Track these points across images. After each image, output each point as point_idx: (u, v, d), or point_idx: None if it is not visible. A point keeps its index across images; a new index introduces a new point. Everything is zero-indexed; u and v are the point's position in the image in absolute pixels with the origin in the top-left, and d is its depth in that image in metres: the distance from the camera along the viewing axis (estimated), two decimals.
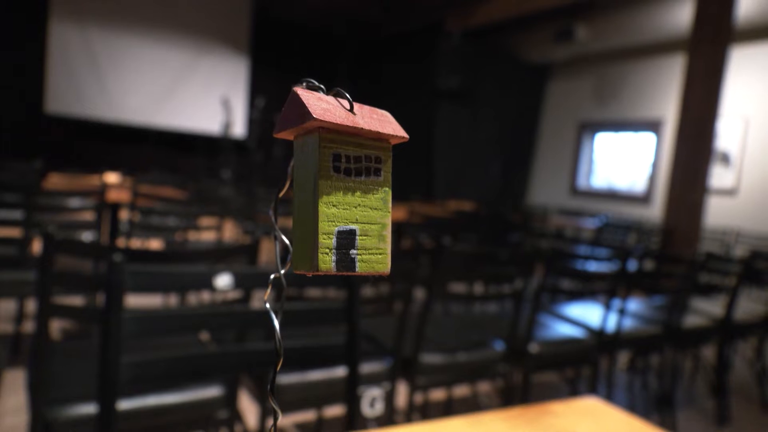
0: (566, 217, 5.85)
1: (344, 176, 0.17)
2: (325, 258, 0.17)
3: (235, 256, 1.26)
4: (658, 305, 2.64)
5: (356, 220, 0.17)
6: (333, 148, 0.17)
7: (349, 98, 0.17)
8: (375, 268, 0.18)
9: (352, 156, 0.17)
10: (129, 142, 6.54)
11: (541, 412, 0.61)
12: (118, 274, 0.87)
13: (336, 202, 0.17)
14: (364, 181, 0.17)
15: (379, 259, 0.18)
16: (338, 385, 1.42)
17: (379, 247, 0.18)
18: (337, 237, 0.17)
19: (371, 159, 0.18)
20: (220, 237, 2.91)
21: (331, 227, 0.17)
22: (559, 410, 0.62)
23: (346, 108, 0.17)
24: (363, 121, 0.17)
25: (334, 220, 0.17)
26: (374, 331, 1.74)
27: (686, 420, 2.48)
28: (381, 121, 0.18)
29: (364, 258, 0.17)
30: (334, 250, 0.17)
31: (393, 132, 0.18)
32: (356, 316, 1.10)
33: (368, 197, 0.17)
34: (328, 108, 0.17)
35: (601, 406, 0.65)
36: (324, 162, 0.17)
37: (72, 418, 1.11)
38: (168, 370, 0.92)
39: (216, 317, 0.97)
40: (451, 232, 3.15)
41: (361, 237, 0.17)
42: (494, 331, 1.89)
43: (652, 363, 2.81)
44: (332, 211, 0.16)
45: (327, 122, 0.16)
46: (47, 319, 1.14)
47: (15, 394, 1.95)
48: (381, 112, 0.18)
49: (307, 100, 0.16)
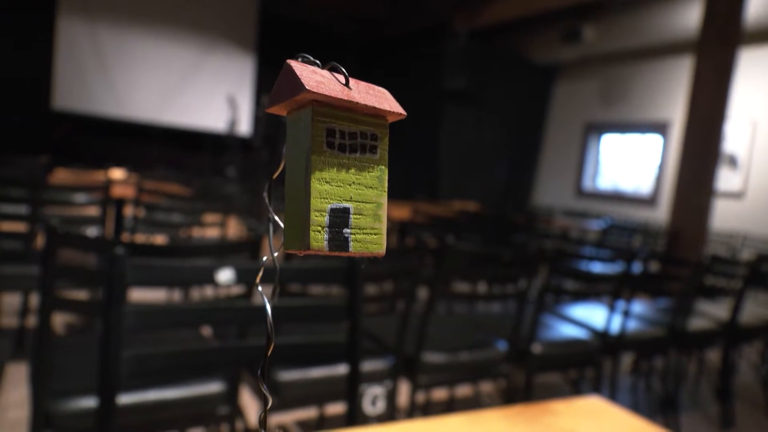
0: (571, 219, 5.83)
1: (338, 152, 0.16)
2: (317, 236, 0.16)
3: (237, 251, 1.26)
4: (663, 308, 2.62)
5: (350, 198, 0.16)
6: (327, 123, 0.16)
7: (345, 73, 0.17)
8: (369, 248, 0.17)
9: (347, 132, 0.16)
10: (135, 139, 6.57)
11: (541, 410, 0.60)
12: (120, 267, 0.87)
13: (329, 178, 0.16)
14: (359, 158, 0.17)
15: (374, 240, 0.17)
16: (340, 383, 1.42)
17: (374, 227, 0.17)
18: (329, 215, 0.16)
19: (367, 135, 0.17)
20: (224, 234, 2.92)
21: (323, 204, 0.16)
22: (561, 409, 0.61)
23: (342, 83, 0.17)
24: (359, 95, 0.16)
25: (327, 198, 0.16)
26: (377, 329, 1.74)
27: (690, 423, 2.46)
28: (378, 96, 0.17)
29: (359, 238, 0.17)
30: (326, 228, 0.16)
31: (390, 108, 0.17)
32: (358, 313, 1.10)
33: (363, 175, 0.17)
34: (322, 81, 0.16)
35: (604, 405, 0.64)
36: (317, 137, 0.16)
37: (73, 412, 1.12)
38: (169, 364, 0.92)
39: (217, 312, 0.97)
40: (454, 232, 3.15)
41: (355, 216, 0.17)
42: (497, 332, 1.88)
43: (657, 366, 2.79)
44: (325, 188, 0.16)
45: (321, 95, 0.16)
46: (49, 313, 1.14)
47: (18, 387, 1.95)
48: (378, 89, 0.18)
49: (301, 72, 0.16)
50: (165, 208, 2.73)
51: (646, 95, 6.37)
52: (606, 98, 6.84)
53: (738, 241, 5.02)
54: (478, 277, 1.99)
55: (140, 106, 6.45)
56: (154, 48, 6.42)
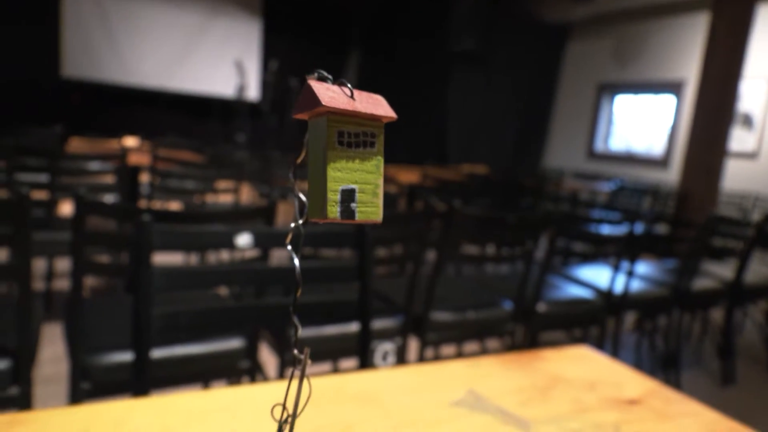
0: (581, 181, 5.82)
1: (346, 148, 0.22)
2: (333, 209, 0.22)
3: (253, 217, 1.32)
4: (669, 268, 2.67)
5: (356, 181, 0.22)
6: (337, 127, 0.22)
7: (350, 87, 0.22)
8: (370, 217, 0.23)
9: (353, 132, 0.22)
10: (144, 107, 6.60)
11: (533, 357, 0.67)
12: (147, 233, 0.94)
13: (340, 167, 0.22)
14: (362, 151, 0.22)
15: (373, 211, 0.23)
16: (352, 340, 1.50)
17: (374, 201, 0.23)
18: (341, 194, 0.22)
19: (367, 134, 0.23)
20: (237, 199, 2.99)
21: (336, 186, 0.22)
22: (550, 356, 0.68)
23: (348, 95, 0.22)
24: (361, 105, 0.22)
25: (339, 181, 0.22)
26: (387, 290, 1.81)
27: (691, 379, 2.55)
28: (375, 104, 0.23)
29: (362, 210, 0.23)
30: (339, 203, 0.22)
31: (384, 113, 0.23)
32: (368, 274, 1.16)
33: (365, 164, 0.22)
34: (333, 96, 0.21)
35: (590, 353, 0.70)
36: (331, 138, 0.22)
37: (108, 365, 1.21)
38: (195, 321, 1.00)
39: (237, 273, 1.04)
40: (463, 195, 3.19)
41: (359, 194, 0.22)
42: (504, 292, 1.95)
43: (661, 325, 2.87)
44: (337, 174, 0.22)
45: (333, 108, 0.21)
46: (82, 276, 1.22)
47: (51, 345, 2.08)
48: (376, 97, 0.23)
49: (318, 90, 0.21)
50: (179, 175, 2.80)
51: (661, 54, 6.23)
52: (619, 58, 6.70)
53: (749, 202, 5.01)
54: (484, 239, 2.05)
55: (148, 73, 6.45)
56: (159, 13, 6.37)
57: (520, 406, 0.55)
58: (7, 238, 1.09)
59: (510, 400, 0.56)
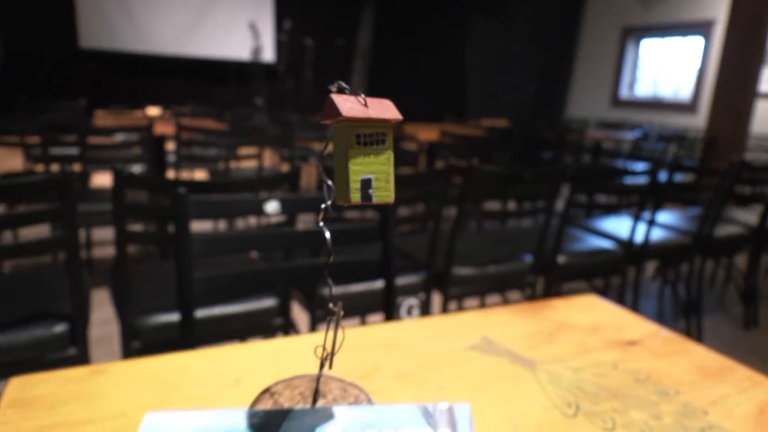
0: (605, 131, 5.71)
1: (363, 146, 0.28)
2: (354, 195, 0.28)
3: (279, 183, 1.39)
4: (692, 216, 2.67)
5: (371, 172, 0.28)
6: (355, 131, 0.28)
7: (364, 96, 0.28)
8: (384, 199, 0.29)
9: (367, 133, 0.28)
10: (163, 75, 6.65)
11: (543, 306, 0.73)
12: (184, 203, 1.01)
13: (359, 162, 0.27)
14: (375, 148, 0.28)
15: (386, 194, 0.29)
16: (378, 296, 1.58)
17: (386, 186, 0.29)
18: (360, 183, 0.28)
19: (379, 134, 0.28)
20: (260, 165, 3.06)
21: (357, 177, 0.28)
22: (559, 305, 0.74)
23: (362, 104, 0.27)
24: (373, 111, 0.27)
25: (358, 173, 0.28)
26: (410, 248, 1.88)
27: (714, 325, 2.59)
28: (384, 109, 0.28)
29: (377, 194, 0.28)
30: (359, 190, 0.28)
31: (392, 116, 0.28)
32: (390, 233, 1.23)
33: (378, 158, 0.28)
34: (351, 106, 0.27)
35: (597, 301, 0.76)
36: (350, 139, 0.28)
37: (154, 325, 1.32)
38: (232, 283, 1.08)
39: (270, 237, 1.12)
40: (483, 151, 3.20)
41: (375, 181, 0.28)
42: (525, 246, 2.00)
43: (684, 273, 2.89)
44: (357, 168, 0.28)
45: (351, 116, 0.27)
46: (125, 244, 1.32)
47: (98, 309, 2.23)
48: (385, 102, 0.28)
49: (338, 102, 0.27)
50: (203, 143, 2.88)
51: None
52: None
53: None
54: (504, 195, 2.08)
55: (164, 40, 6.46)
56: None
57: (527, 349, 0.62)
58: (55, 211, 1.18)
59: (519, 344, 0.63)
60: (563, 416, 0.49)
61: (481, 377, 0.55)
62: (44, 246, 1.23)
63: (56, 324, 1.26)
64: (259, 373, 0.52)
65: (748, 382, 0.57)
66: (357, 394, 0.37)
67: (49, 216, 1.17)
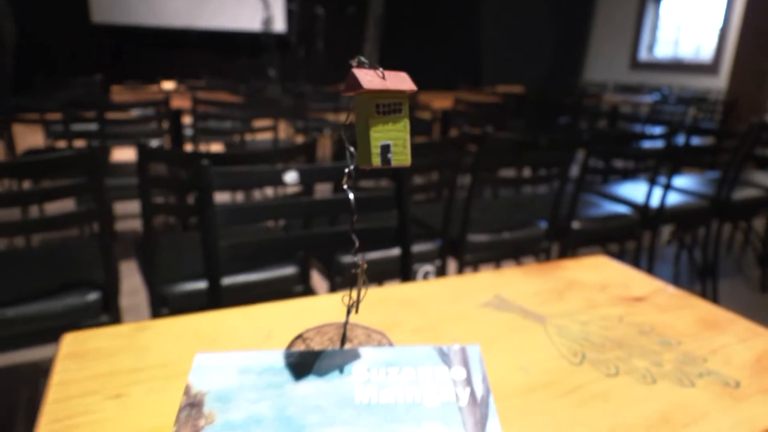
0: (623, 95, 5.61)
1: (382, 115, 0.31)
2: (375, 159, 0.31)
3: (296, 154, 1.42)
4: (711, 179, 2.65)
5: (390, 138, 0.31)
6: (375, 101, 0.31)
7: (382, 70, 0.31)
8: (401, 162, 0.32)
9: (386, 103, 0.31)
10: (175, 49, 6.64)
11: (554, 267, 0.76)
12: (207, 175, 1.05)
13: (378, 129, 0.31)
14: (393, 116, 0.31)
15: (404, 158, 0.32)
16: (395, 263, 1.63)
17: (404, 151, 0.32)
18: (380, 148, 0.31)
19: (396, 104, 0.31)
20: (275, 137, 3.09)
21: (377, 143, 0.31)
22: (569, 265, 0.77)
23: (381, 77, 0.30)
24: (390, 83, 0.30)
25: (378, 140, 0.31)
26: (425, 216, 1.91)
27: (730, 288, 2.59)
28: (401, 81, 0.31)
29: (395, 158, 0.32)
30: (379, 155, 0.31)
31: (408, 88, 0.31)
32: (406, 201, 1.26)
33: (396, 125, 0.31)
34: (371, 79, 0.30)
35: (606, 261, 0.79)
36: (371, 109, 0.31)
37: (182, 293, 1.38)
38: (256, 250, 1.13)
39: (290, 207, 1.16)
40: (497, 118, 3.18)
41: (393, 146, 0.31)
42: (540, 212, 2.02)
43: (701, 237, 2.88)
44: (377, 135, 0.31)
45: (371, 88, 0.30)
46: (151, 216, 1.37)
47: (125, 279, 2.32)
48: (401, 75, 0.31)
49: (359, 76, 0.30)
50: (219, 117, 2.92)
51: None
52: None
53: None
54: (518, 163, 2.09)
55: (176, 12, 6.44)
56: None
57: (538, 305, 0.65)
58: (85, 185, 1.23)
59: (530, 300, 0.67)
60: (570, 363, 0.53)
61: (493, 331, 0.59)
62: (77, 218, 1.29)
63: (89, 292, 1.33)
64: (289, 327, 0.57)
65: (749, 333, 0.60)
66: (380, 338, 0.41)
67: (79, 190, 1.22)
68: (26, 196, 1.34)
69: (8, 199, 1.28)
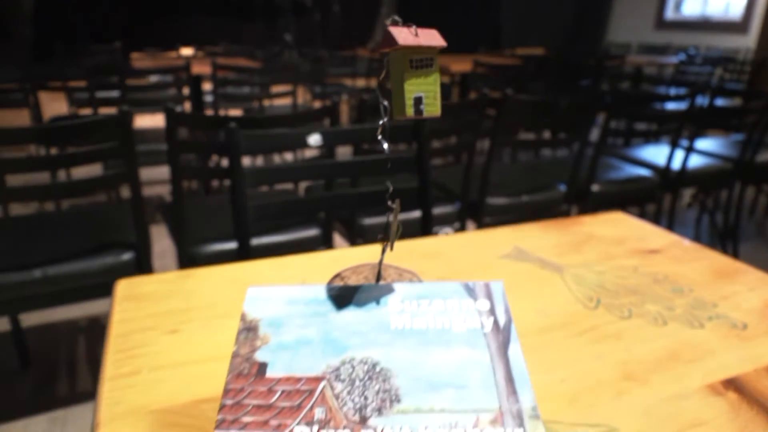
0: (647, 56, 5.45)
1: (415, 69, 0.34)
2: (409, 110, 0.34)
3: (319, 117, 1.45)
4: (735, 142, 2.61)
5: (422, 90, 0.34)
6: (409, 56, 0.34)
7: (415, 27, 0.33)
8: (433, 113, 0.35)
9: (418, 59, 0.34)
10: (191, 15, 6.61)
11: (571, 222, 0.79)
12: (236, 138, 1.09)
13: (412, 83, 0.34)
14: (425, 71, 0.34)
15: (434, 109, 0.35)
16: (415, 225, 1.67)
17: (434, 103, 0.35)
18: (413, 100, 0.34)
19: (428, 59, 0.34)
20: (294, 102, 3.11)
21: (410, 95, 0.34)
22: (587, 221, 0.79)
23: (414, 34, 0.33)
24: (423, 39, 0.33)
25: (412, 92, 0.34)
26: (444, 180, 1.94)
27: (751, 250, 2.58)
28: (432, 37, 0.34)
29: (427, 109, 0.35)
30: (413, 106, 0.34)
31: (438, 43, 0.34)
32: (427, 163, 1.28)
33: (427, 79, 0.34)
34: (405, 36, 0.33)
35: (624, 217, 0.81)
36: (405, 64, 0.34)
37: (210, 253, 1.45)
38: (281, 210, 1.18)
39: (312, 168, 1.20)
40: (517, 81, 3.14)
41: (425, 98, 0.34)
42: (559, 176, 2.02)
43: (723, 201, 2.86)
44: (411, 87, 0.34)
45: (405, 44, 0.33)
46: (180, 179, 1.42)
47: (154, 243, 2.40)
48: (432, 32, 0.34)
49: (395, 33, 0.33)
50: (239, 82, 2.94)
51: None
52: None
53: None
54: (538, 126, 2.09)
55: None
56: None
57: (556, 257, 0.69)
58: (117, 149, 1.28)
59: (548, 252, 0.70)
60: (585, 308, 0.57)
61: (513, 279, 0.63)
62: (110, 181, 1.35)
63: (123, 253, 1.40)
64: (322, 274, 0.61)
65: (760, 282, 0.63)
66: (410, 276, 0.45)
67: (113, 153, 1.27)
68: (63, 160, 1.40)
69: (45, 162, 1.34)
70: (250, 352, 0.35)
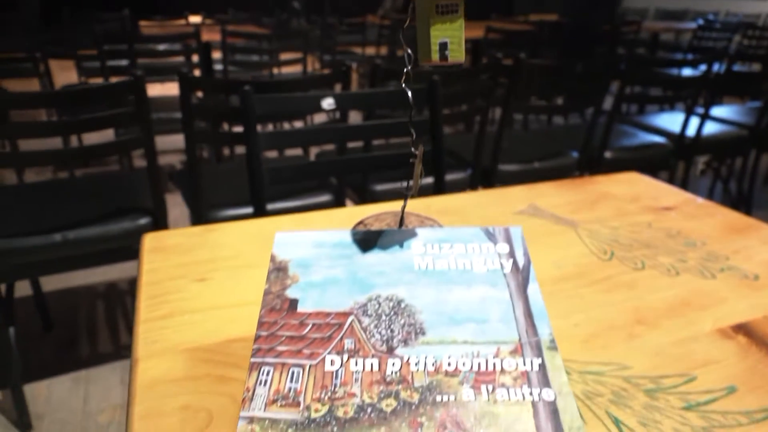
0: (665, 22, 5.32)
1: (441, 15, 0.34)
2: (435, 55, 0.35)
3: (333, 82, 1.45)
4: (751, 108, 2.57)
5: (447, 36, 0.35)
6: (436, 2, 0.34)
7: None
8: (457, 58, 0.36)
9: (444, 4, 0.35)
10: None
11: (586, 182, 0.80)
12: (250, 101, 1.10)
13: (438, 28, 0.34)
14: (450, 16, 0.35)
15: (459, 55, 0.36)
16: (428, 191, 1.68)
17: (459, 49, 0.36)
18: (439, 45, 0.35)
19: (453, 4, 0.35)
20: (304, 69, 3.09)
21: (436, 40, 0.35)
22: (601, 180, 0.80)
23: None
24: None
25: (437, 37, 0.35)
26: (456, 147, 1.94)
27: (764, 218, 2.57)
28: None
29: (452, 54, 0.36)
30: (438, 51, 0.35)
31: None
32: (440, 128, 1.29)
33: (453, 24, 0.35)
34: None
35: (638, 177, 0.82)
36: (431, 8, 0.34)
37: (225, 218, 1.47)
38: (295, 173, 1.19)
39: (326, 132, 1.20)
40: (530, 47, 3.09)
41: (450, 44, 0.35)
42: (572, 143, 2.01)
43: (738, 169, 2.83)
44: (436, 33, 0.35)
45: None
46: (194, 145, 1.44)
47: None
48: None
49: None
50: (249, 50, 2.91)
51: None
52: None
53: None
54: (551, 92, 2.07)
55: None
56: None
57: (570, 213, 0.70)
58: (133, 114, 1.29)
59: (563, 209, 0.71)
60: (599, 260, 0.58)
61: (528, 233, 0.64)
62: (127, 146, 1.37)
63: (141, 217, 1.43)
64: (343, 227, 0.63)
65: None
66: (432, 223, 0.47)
67: (129, 118, 1.29)
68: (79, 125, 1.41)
69: (61, 127, 1.36)
70: (281, 289, 0.37)
